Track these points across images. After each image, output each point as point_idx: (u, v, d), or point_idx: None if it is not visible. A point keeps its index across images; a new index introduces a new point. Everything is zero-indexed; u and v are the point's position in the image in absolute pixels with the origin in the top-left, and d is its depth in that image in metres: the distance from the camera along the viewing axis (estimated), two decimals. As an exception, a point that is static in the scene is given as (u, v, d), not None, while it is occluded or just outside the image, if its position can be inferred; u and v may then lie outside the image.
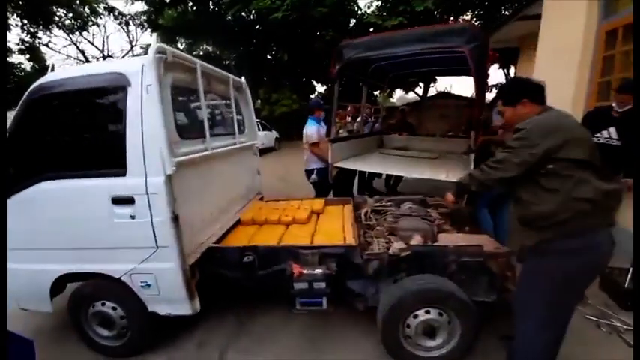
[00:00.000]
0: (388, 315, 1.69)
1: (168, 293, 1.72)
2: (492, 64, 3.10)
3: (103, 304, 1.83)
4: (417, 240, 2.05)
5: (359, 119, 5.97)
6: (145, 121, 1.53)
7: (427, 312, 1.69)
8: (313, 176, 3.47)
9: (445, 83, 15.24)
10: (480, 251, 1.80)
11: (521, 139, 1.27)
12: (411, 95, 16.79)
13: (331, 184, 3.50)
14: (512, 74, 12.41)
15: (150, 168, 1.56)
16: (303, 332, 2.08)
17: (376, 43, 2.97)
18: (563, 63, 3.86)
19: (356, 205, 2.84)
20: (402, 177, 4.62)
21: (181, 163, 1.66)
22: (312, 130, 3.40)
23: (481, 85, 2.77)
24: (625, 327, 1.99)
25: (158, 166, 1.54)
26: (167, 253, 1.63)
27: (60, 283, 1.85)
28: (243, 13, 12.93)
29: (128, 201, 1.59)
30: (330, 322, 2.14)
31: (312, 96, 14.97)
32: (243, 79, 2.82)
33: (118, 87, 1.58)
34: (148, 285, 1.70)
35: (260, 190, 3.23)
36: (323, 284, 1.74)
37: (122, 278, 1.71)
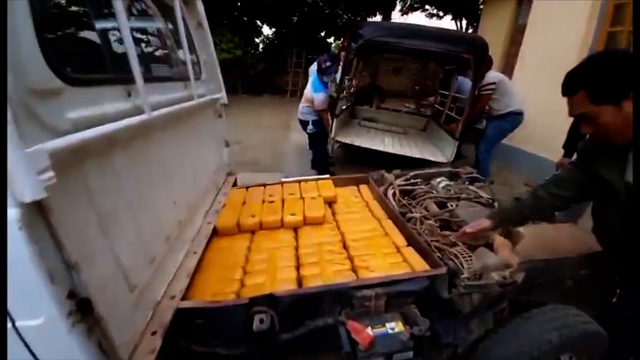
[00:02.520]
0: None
1: None
2: (487, 70, 3.33)
3: None
4: (500, 243, 1.40)
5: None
6: None
7: (558, 362, 1.12)
8: (310, 127, 3.58)
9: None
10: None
11: None
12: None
13: (325, 140, 3.66)
14: (466, 25, 12.16)
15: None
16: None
17: (399, 31, 3.19)
18: (568, 9, 3.38)
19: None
20: None
21: (74, 149, 0.60)
22: (320, 97, 3.38)
23: (475, 88, 3.21)
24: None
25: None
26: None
27: None
28: None
29: None
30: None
31: (258, 40, 12.72)
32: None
33: None
34: None
35: (231, 169, 2.18)
36: (410, 354, 0.99)
37: None
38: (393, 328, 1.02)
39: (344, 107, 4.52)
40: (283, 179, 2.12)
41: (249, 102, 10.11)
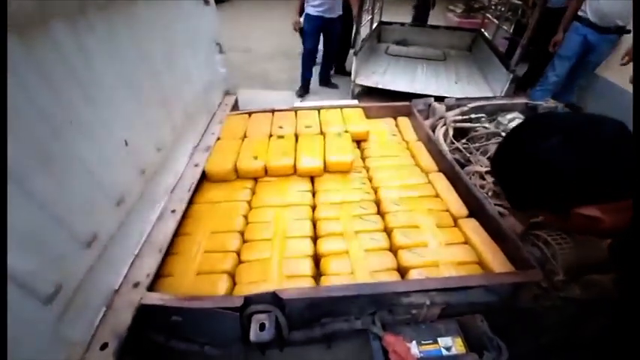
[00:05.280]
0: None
1: None
2: None
3: None
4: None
5: None
6: None
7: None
8: (300, 20, 3.01)
9: None
10: None
11: None
12: None
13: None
14: None
15: None
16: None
17: None
18: None
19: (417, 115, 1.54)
20: None
21: None
22: None
23: None
24: None
25: None
26: None
27: None
28: None
29: None
30: None
31: None
32: None
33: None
34: None
35: (231, 85, 1.66)
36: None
37: None
38: (449, 348, 0.71)
39: (366, 36, 3.48)
40: (297, 104, 1.61)
41: (260, -3, 8.36)
